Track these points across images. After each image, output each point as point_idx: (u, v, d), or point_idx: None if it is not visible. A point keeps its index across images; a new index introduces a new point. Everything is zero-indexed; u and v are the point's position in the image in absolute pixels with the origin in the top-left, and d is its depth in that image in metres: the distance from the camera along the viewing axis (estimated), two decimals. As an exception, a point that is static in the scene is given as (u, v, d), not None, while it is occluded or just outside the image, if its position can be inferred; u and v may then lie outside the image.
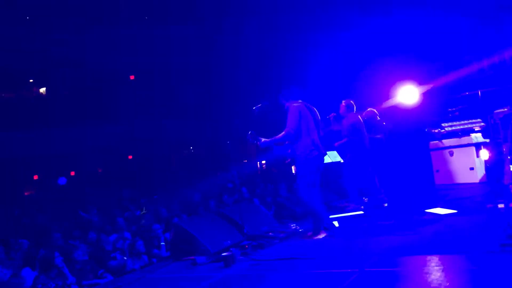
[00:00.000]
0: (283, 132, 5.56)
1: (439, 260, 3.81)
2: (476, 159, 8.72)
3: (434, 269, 3.59)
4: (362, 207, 7.38)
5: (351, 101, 7.74)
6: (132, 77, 23.65)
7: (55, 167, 19.21)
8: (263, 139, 5.71)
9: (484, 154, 8.81)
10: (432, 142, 9.30)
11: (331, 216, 6.99)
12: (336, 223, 6.37)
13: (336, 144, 7.74)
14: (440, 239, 4.60)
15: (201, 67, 21.02)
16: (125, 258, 6.89)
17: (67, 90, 21.62)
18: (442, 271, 3.51)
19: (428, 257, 3.90)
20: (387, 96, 11.05)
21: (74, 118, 19.71)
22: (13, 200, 14.53)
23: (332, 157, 9.04)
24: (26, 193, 19.76)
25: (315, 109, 5.81)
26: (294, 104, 5.67)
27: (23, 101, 20.82)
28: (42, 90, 21.88)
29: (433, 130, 9.20)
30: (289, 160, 5.95)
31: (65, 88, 21.55)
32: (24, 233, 8.40)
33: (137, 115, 21.61)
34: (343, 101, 7.74)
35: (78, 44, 19.19)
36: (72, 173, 21.11)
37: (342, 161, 8.59)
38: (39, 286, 5.73)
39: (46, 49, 18.58)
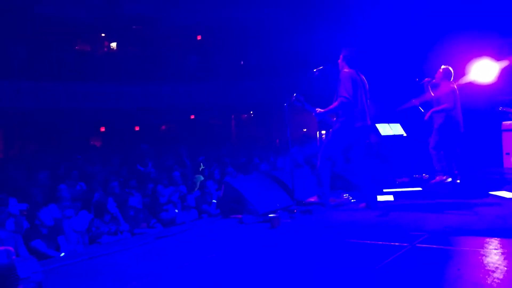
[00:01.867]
0: (336, 102, 5.29)
1: (499, 243, 3.54)
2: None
3: (492, 252, 3.33)
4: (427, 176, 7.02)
5: (450, 68, 7.17)
6: (199, 37, 23.85)
7: (121, 121, 19.91)
8: (318, 110, 5.50)
9: None
10: (505, 123, 8.66)
11: (387, 190, 6.78)
12: (391, 197, 6.16)
13: (429, 112, 7.18)
14: (502, 222, 4.28)
15: (268, 29, 20.74)
16: (176, 210, 7.04)
17: (137, 47, 22.17)
18: (501, 254, 3.25)
19: (487, 239, 3.64)
20: (463, 73, 10.40)
21: (142, 74, 20.25)
22: (78, 148, 15.22)
23: (394, 129, 8.68)
24: (92, 143, 20.72)
25: (364, 79, 5.50)
26: (346, 71, 5.39)
27: (94, 55, 21.61)
28: (113, 45, 22.54)
29: (507, 109, 8.55)
30: None
31: (135, 44, 22.10)
32: (84, 179, 8.80)
33: (202, 76, 21.86)
34: (442, 67, 7.19)
35: (149, 1, 19.50)
36: (137, 128, 21.86)
37: (404, 134, 8.23)
38: (93, 229, 5.98)
39: (117, 5, 19.03)
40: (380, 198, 5.94)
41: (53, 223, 5.54)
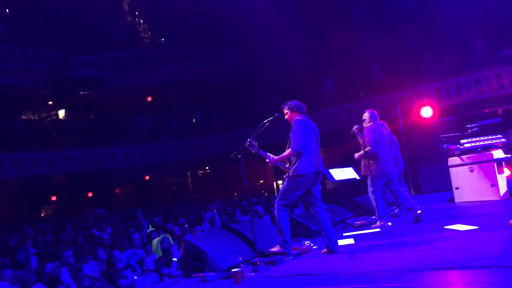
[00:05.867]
0: (290, 149, 5.34)
1: (459, 275, 3.61)
2: (498, 176, 8.41)
3: (453, 284, 3.39)
4: (380, 223, 7.15)
5: (375, 111, 7.36)
6: (149, 98, 23.98)
7: (74, 186, 19.36)
8: (271, 156, 5.55)
9: (506, 170, 8.54)
10: (450, 159, 9.01)
11: (346, 234, 6.83)
12: (352, 240, 6.19)
13: (356, 156, 7.33)
14: (460, 254, 4.38)
15: (217, 86, 21.15)
16: (135, 277, 6.77)
17: (86, 112, 21.98)
18: (463, 285, 3.31)
19: (448, 272, 3.70)
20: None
21: (92, 139, 19.98)
22: (29, 218, 14.61)
23: (348, 174, 8.84)
24: (43, 211, 19.95)
25: (315, 125, 5.59)
26: (298, 118, 5.48)
27: (42, 123, 21.22)
28: (61, 112, 22.23)
29: (451, 146, 8.91)
30: None
31: (84, 109, 21.91)
32: (37, 251, 8.38)
33: (154, 136, 21.74)
34: (366, 111, 7.40)
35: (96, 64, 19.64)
36: (90, 194, 21.24)
37: (358, 177, 8.39)
38: (47, 303, 5.65)
39: (63, 71, 19.03)
40: (341, 242, 5.97)
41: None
